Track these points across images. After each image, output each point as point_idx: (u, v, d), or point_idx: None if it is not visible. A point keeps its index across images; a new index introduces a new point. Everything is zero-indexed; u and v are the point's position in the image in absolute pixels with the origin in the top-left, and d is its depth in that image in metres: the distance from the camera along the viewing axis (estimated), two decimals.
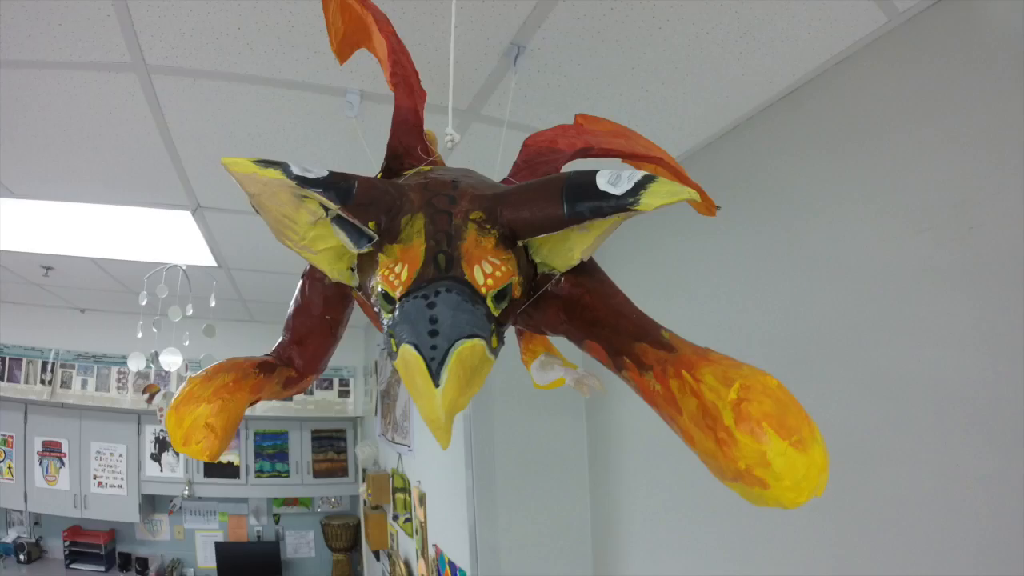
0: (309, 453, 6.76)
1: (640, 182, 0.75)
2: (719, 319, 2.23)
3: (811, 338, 1.87)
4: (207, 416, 1.00)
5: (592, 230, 0.83)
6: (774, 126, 2.05)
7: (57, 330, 5.96)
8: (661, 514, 2.59)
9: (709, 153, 2.33)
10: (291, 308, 1.26)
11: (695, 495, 2.37)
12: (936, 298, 1.55)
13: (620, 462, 2.93)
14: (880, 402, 1.66)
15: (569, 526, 3.17)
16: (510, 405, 3.21)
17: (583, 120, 1.33)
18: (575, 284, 0.97)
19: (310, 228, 0.88)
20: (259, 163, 0.79)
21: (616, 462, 2.96)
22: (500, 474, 3.16)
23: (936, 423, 1.53)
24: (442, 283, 0.77)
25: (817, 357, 1.84)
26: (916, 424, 1.57)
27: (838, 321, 1.79)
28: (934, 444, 1.53)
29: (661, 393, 0.83)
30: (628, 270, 2.72)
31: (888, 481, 1.63)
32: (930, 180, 1.58)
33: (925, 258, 1.58)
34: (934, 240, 1.56)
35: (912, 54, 1.64)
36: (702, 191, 1.31)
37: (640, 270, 2.69)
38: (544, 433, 3.22)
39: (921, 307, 1.58)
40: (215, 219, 3.20)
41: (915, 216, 1.61)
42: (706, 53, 1.78)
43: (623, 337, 0.90)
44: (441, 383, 0.71)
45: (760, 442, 0.71)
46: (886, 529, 1.64)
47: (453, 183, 0.91)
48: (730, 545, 2.16)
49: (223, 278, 4.45)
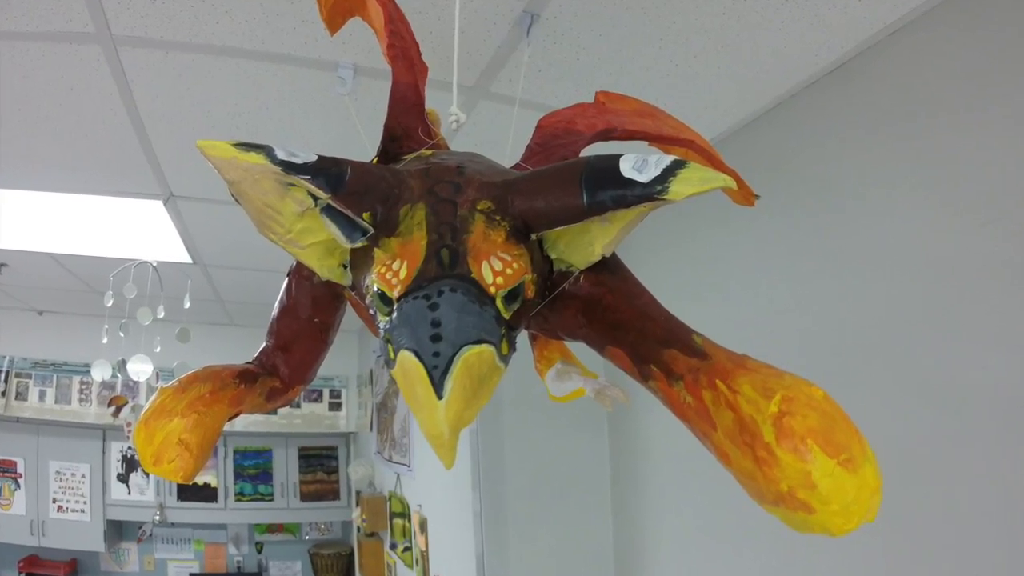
0: (296, 473, 6.79)
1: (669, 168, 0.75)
2: (757, 321, 2.24)
3: (861, 343, 1.87)
4: (181, 432, 1.00)
5: (615, 222, 0.83)
6: (819, 105, 2.05)
7: (11, 335, 5.99)
8: (693, 542, 2.59)
9: (746, 135, 2.33)
10: (275, 310, 1.26)
11: (731, 520, 2.37)
12: (1001, 297, 1.54)
13: (646, 483, 2.92)
14: (939, 414, 1.66)
15: (589, 555, 3.17)
16: (522, 419, 3.21)
17: (605, 98, 1.33)
18: (596, 283, 0.97)
19: (297, 220, 0.88)
20: (239, 146, 0.79)
21: (642, 483, 2.96)
22: (511, 497, 3.16)
23: (1001, 437, 1.53)
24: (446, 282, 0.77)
25: (868, 364, 1.84)
26: (979, 439, 1.57)
27: (891, 324, 1.79)
28: (999, 461, 1.53)
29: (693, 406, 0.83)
30: (655, 267, 2.72)
31: (948, 503, 1.63)
32: (995, 165, 1.57)
33: (989, 253, 1.57)
34: (999, 233, 1.55)
35: (975, 23, 1.64)
36: (738, 178, 1.30)
37: (668, 267, 2.69)
38: (561, 450, 3.23)
39: (984, 308, 1.58)
40: (189, 209, 3.22)
41: (978, 206, 1.60)
42: (743, 23, 1.78)
43: (650, 342, 0.90)
44: (445, 394, 0.71)
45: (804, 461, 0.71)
46: (945, 557, 1.63)
47: (458, 169, 0.91)
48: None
49: (199, 276, 4.47)
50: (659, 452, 2.84)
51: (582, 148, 1.13)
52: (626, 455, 3.09)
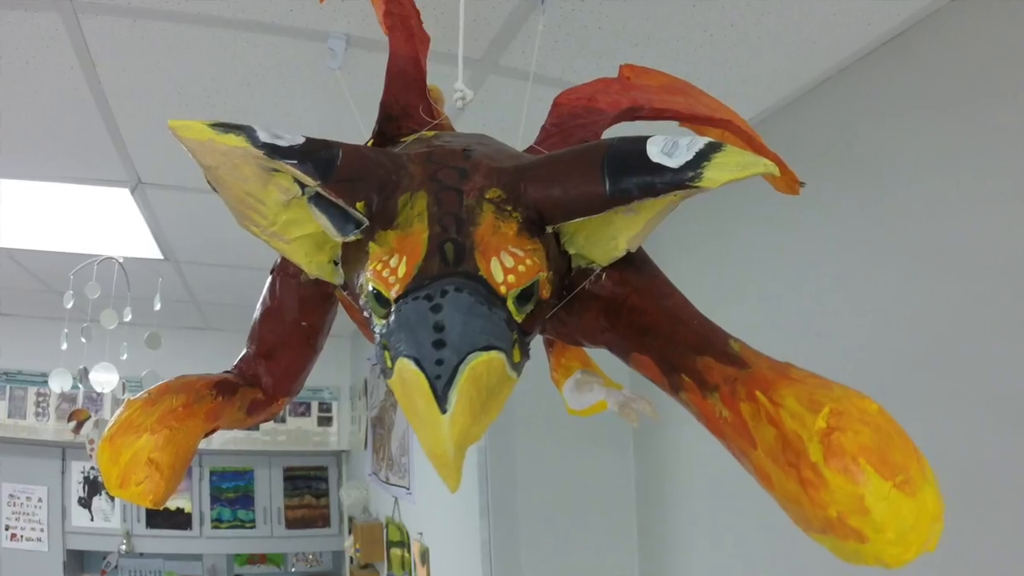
0: (280, 497, 6.81)
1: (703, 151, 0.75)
2: (803, 326, 2.23)
3: (920, 350, 1.87)
4: (150, 450, 1.00)
5: (641, 213, 0.84)
6: (873, 80, 2.04)
7: None
8: (729, 574, 2.59)
9: (791, 114, 2.33)
10: (258, 312, 1.27)
11: (773, 550, 2.36)
12: None
13: (677, 509, 2.92)
14: (1009, 431, 1.65)
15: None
16: (537, 436, 3.22)
17: (630, 72, 1.34)
18: (620, 281, 0.97)
19: (281, 210, 0.89)
20: (217, 127, 0.80)
21: (672, 509, 2.96)
22: (524, 524, 3.17)
23: None
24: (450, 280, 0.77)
25: (928, 374, 1.83)
26: None
27: (955, 329, 1.79)
28: None
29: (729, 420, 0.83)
30: (686, 264, 2.72)
31: (1019, 532, 1.62)
32: None
33: None
34: None
35: None
36: (781, 163, 1.31)
37: (701, 264, 2.69)
38: (580, 471, 3.23)
39: None
40: (160, 198, 3.23)
41: None
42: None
43: (681, 349, 0.90)
44: (449, 408, 0.71)
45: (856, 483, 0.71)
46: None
47: (464, 152, 0.91)
48: None
49: (170, 274, 4.50)
50: (691, 473, 2.84)
51: (604, 129, 1.13)
52: (654, 476, 3.09)
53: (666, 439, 3.02)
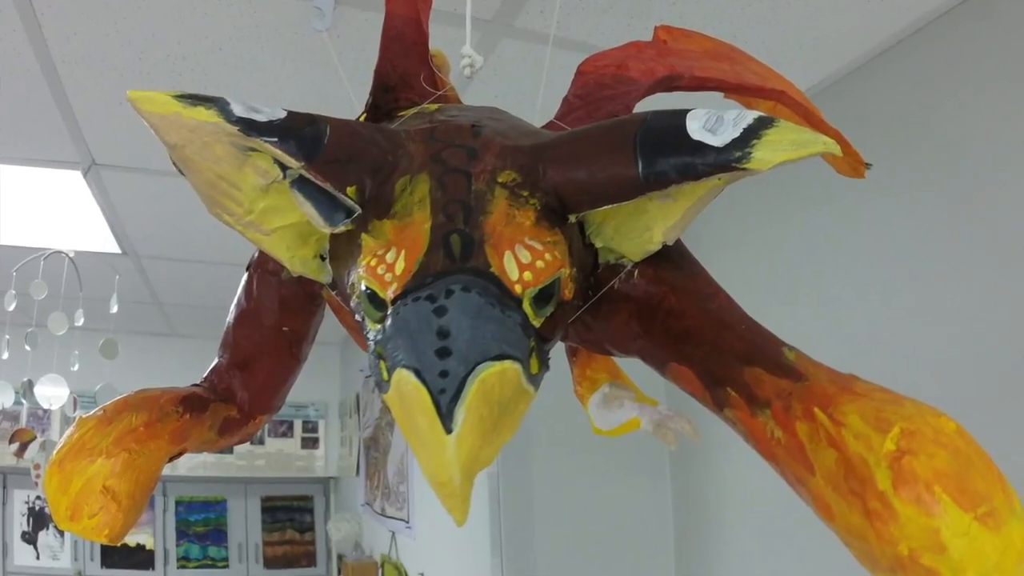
0: (258, 532, 6.82)
1: (752, 127, 0.75)
2: (869, 331, 2.23)
3: (1008, 360, 1.86)
4: (106, 476, 1.00)
5: (680, 199, 0.84)
6: (956, 41, 2.03)
7: None
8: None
9: (855, 84, 2.32)
10: (232, 315, 1.27)
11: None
12: None
13: (722, 545, 2.92)
14: None
15: None
16: (557, 460, 3.22)
17: (666, 35, 1.34)
18: (655, 280, 0.97)
19: (259, 196, 0.89)
20: (183, 99, 0.80)
21: (716, 545, 2.95)
22: (542, 562, 3.17)
23: None
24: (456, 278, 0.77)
25: (1016, 388, 1.83)
26: None
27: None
28: None
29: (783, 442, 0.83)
30: (731, 259, 2.72)
31: None
32: None
33: None
34: None
35: None
36: (844, 141, 1.31)
37: (749, 259, 2.68)
38: (608, 502, 3.23)
39: None
40: (117, 182, 3.25)
41: None
42: None
43: (726, 358, 0.90)
44: (455, 427, 0.71)
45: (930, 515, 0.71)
46: None
47: (473, 129, 0.91)
48: None
49: (129, 270, 4.51)
50: (739, 504, 2.84)
51: (636, 101, 1.13)
52: (695, 508, 3.09)
53: (709, 464, 3.01)
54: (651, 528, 3.25)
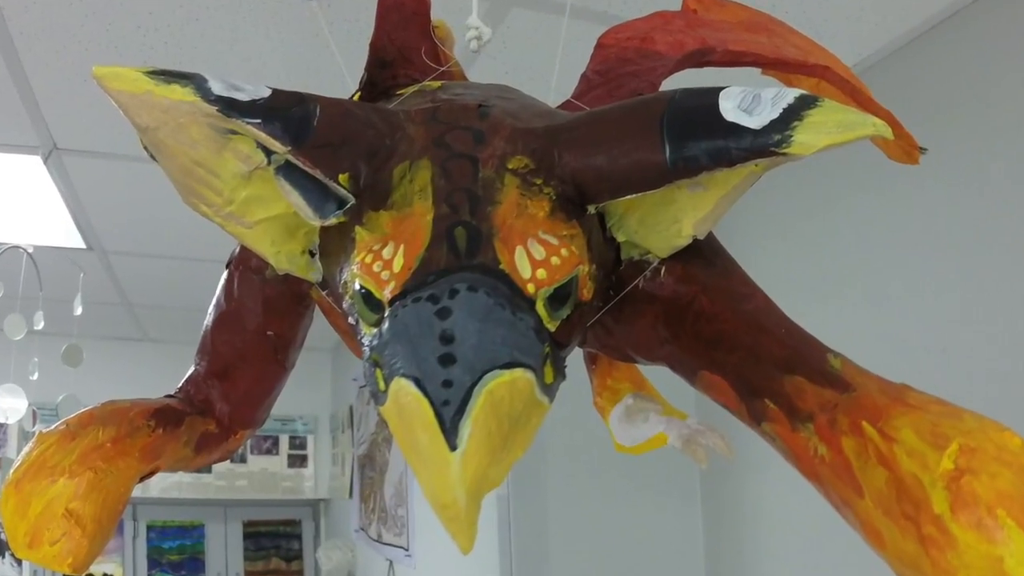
0: (240, 560, 6.84)
1: (793, 107, 0.75)
2: (923, 335, 2.22)
3: None
4: (69, 498, 1.00)
5: (712, 188, 0.84)
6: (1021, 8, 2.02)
7: None
8: None
9: (907, 59, 2.31)
10: (210, 318, 1.27)
11: None
12: None
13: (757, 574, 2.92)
14: None
15: None
16: (574, 480, 3.22)
17: (696, 4, 1.34)
18: (684, 278, 0.97)
19: (241, 184, 0.89)
20: (156, 76, 0.80)
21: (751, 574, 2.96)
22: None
23: None
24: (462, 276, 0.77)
25: None
26: None
27: None
28: None
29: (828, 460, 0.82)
30: (769, 254, 2.71)
31: None
32: None
33: None
34: None
35: None
36: (895, 122, 1.30)
37: (789, 254, 2.68)
38: (632, 527, 3.23)
39: None
40: (81, 169, 3.26)
41: None
42: None
43: (764, 366, 0.91)
44: (460, 444, 0.70)
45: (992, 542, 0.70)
46: None
47: (480, 109, 0.91)
48: None
49: (95, 267, 4.52)
50: (776, 529, 2.83)
51: (663, 78, 1.13)
52: (728, 534, 3.09)
53: (744, 485, 3.01)
54: (679, 557, 3.25)
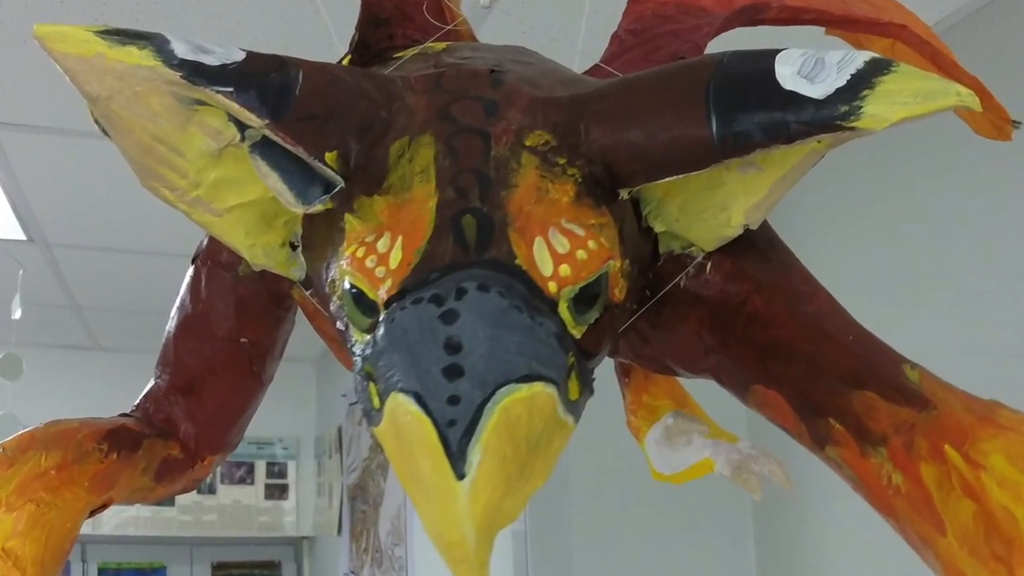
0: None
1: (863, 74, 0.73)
2: (1018, 341, 2.22)
3: None
4: (5, 536, 1.00)
5: (767, 168, 0.83)
6: None
7: None
8: None
9: (998, 16, 2.30)
10: (173, 323, 1.28)
11: None
12: None
13: None
14: None
15: None
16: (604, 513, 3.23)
17: None
18: (734, 275, 0.96)
19: (209, 164, 0.89)
20: (108, 36, 0.79)
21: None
22: None
23: None
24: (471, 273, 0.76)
25: None
26: None
27: None
28: None
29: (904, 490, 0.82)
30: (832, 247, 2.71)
31: None
32: None
33: None
34: None
35: None
36: (984, 91, 1.28)
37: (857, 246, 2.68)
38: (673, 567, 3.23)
39: None
40: (21, 147, 3.28)
41: None
42: None
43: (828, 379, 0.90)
44: (469, 471, 0.69)
45: None
46: None
47: (493, 75, 0.91)
48: None
49: (37, 262, 4.55)
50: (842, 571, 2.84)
51: (709, 39, 1.13)
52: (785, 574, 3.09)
53: (804, 519, 3.02)
54: None
